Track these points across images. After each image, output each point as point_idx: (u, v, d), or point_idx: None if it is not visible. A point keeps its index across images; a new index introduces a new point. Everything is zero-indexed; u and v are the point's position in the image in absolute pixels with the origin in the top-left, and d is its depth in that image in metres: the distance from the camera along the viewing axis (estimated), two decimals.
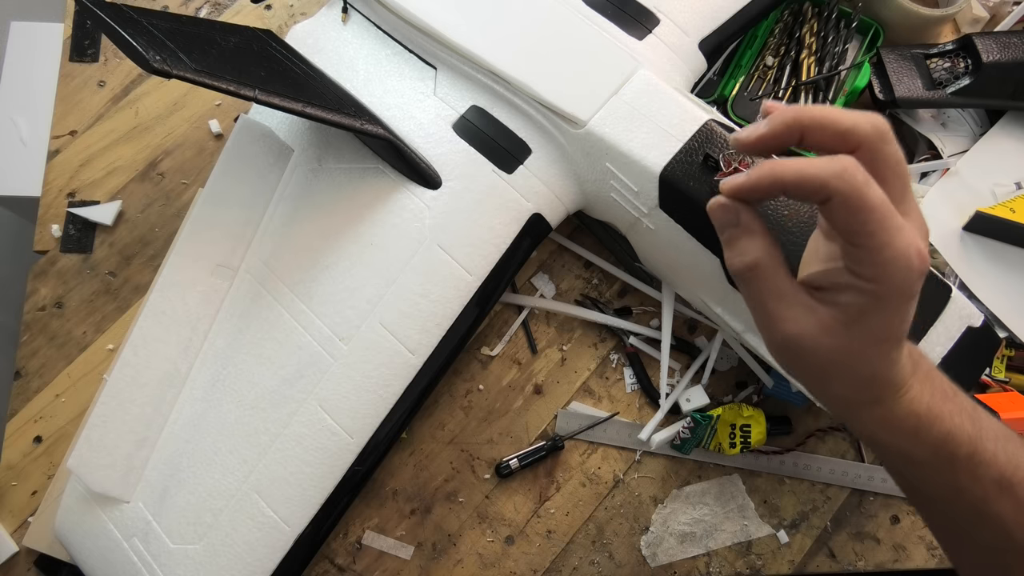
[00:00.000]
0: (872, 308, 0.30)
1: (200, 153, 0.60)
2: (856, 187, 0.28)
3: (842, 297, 0.31)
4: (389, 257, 0.48)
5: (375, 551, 0.52)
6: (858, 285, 0.30)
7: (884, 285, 0.29)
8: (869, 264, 0.29)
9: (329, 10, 0.56)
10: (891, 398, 0.33)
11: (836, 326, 0.31)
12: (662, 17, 0.52)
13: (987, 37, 0.57)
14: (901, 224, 0.29)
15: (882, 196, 0.29)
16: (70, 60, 0.62)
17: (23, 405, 0.54)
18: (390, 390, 0.46)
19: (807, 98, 0.57)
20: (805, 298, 0.32)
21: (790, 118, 0.31)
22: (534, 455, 0.53)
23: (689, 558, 0.52)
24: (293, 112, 0.42)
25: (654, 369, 0.55)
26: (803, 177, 0.29)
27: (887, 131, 0.30)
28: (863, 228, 0.28)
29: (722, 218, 0.33)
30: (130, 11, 0.42)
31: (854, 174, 0.28)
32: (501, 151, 0.49)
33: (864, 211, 0.28)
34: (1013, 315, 0.55)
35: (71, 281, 0.57)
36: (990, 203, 0.56)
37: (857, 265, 0.30)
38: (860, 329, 0.31)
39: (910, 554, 0.52)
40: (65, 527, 0.47)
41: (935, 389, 0.34)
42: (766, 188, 0.31)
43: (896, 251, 0.29)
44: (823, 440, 0.54)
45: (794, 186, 0.29)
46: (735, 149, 0.33)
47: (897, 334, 0.31)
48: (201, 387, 0.49)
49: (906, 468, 0.35)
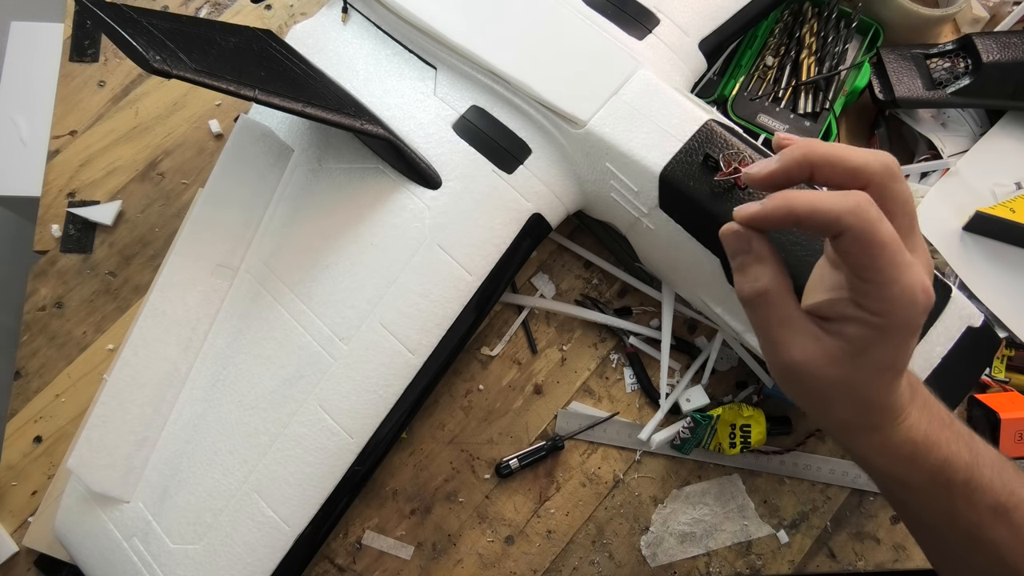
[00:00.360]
0: (877, 341, 0.31)
1: (200, 153, 0.60)
2: (869, 223, 0.29)
3: (848, 329, 0.31)
4: (389, 257, 0.48)
5: (375, 551, 0.52)
6: (864, 319, 0.30)
7: (890, 320, 0.30)
8: (876, 299, 0.30)
9: (329, 10, 0.56)
10: (889, 425, 0.33)
11: (841, 356, 0.32)
12: (662, 17, 0.52)
13: (987, 37, 0.57)
14: (909, 261, 0.30)
15: (892, 233, 0.29)
16: (70, 60, 0.62)
17: (23, 405, 0.54)
18: (390, 390, 0.46)
19: (807, 98, 0.57)
20: (811, 327, 0.32)
21: (800, 155, 0.31)
22: (534, 455, 0.53)
23: (689, 558, 0.52)
24: (293, 112, 0.42)
25: (654, 369, 0.55)
26: (817, 211, 0.30)
27: (896, 169, 0.31)
28: (873, 263, 0.29)
29: (735, 245, 0.34)
30: (130, 11, 0.42)
31: (867, 210, 0.29)
32: (501, 151, 0.49)
33: (875, 247, 0.29)
34: (1013, 315, 0.55)
35: (71, 281, 0.57)
36: (990, 203, 0.56)
37: (864, 299, 0.30)
38: (864, 360, 0.31)
39: (910, 554, 0.52)
40: (65, 527, 0.47)
41: (932, 416, 0.34)
42: (779, 219, 0.31)
43: (903, 287, 0.29)
44: (823, 440, 0.54)
45: (807, 219, 0.30)
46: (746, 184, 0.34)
47: (899, 365, 0.32)
48: (201, 387, 0.49)
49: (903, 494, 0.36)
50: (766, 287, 0.33)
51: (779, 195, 0.31)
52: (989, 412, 0.52)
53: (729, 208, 0.43)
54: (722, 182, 0.43)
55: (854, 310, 0.31)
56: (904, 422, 0.33)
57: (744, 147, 0.44)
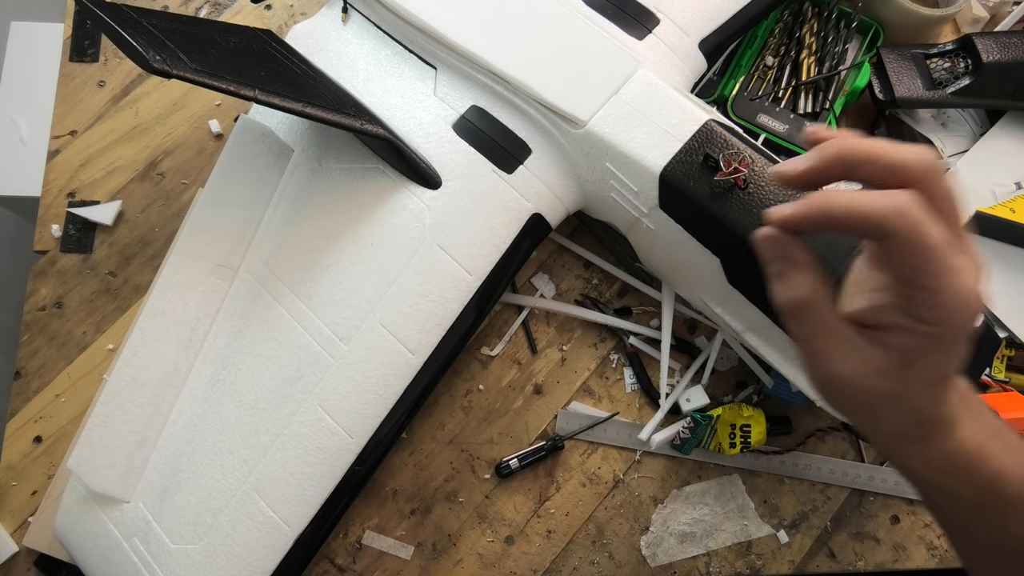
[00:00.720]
0: (927, 351, 0.29)
1: (200, 153, 0.60)
2: (916, 226, 0.27)
3: (895, 339, 0.29)
4: (389, 257, 0.48)
5: (375, 551, 0.52)
6: (913, 328, 0.28)
7: (942, 328, 0.28)
8: (926, 307, 0.28)
9: (329, 10, 0.56)
10: (940, 436, 0.32)
11: (889, 368, 0.29)
12: (662, 17, 0.52)
13: (987, 37, 0.57)
14: (960, 264, 0.27)
15: (941, 235, 0.27)
16: (70, 60, 0.62)
17: (23, 405, 0.54)
18: (390, 390, 0.46)
19: (807, 98, 0.57)
20: (854, 337, 0.30)
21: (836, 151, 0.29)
22: (534, 455, 0.53)
23: (689, 558, 0.52)
24: (293, 112, 0.42)
25: (654, 369, 0.55)
26: (858, 213, 0.27)
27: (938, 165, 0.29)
28: (922, 269, 0.27)
29: (772, 251, 0.31)
30: (130, 11, 0.42)
31: (914, 211, 0.27)
32: (501, 151, 0.49)
33: (924, 252, 0.27)
34: (1013, 315, 0.55)
35: (71, 281, 0.57)
36: (990, 203, 0.56)
37: (913, 307, 0.28)
38: (913, 372, 0.29)
39: (910, 554, 0.52)
40: (65, 527, 0.47)
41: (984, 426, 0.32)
42: (815, 221, 0.29)
43: (955, 293, 0.27)
44: (823, 440, 0.54)
45: (848, 222, 0.28)
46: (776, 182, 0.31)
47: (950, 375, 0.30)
48: (201, 387, 0.49)
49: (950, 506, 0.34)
50: (807, 296, 0.30)
51: (816, 196, 0.29)
52: None
53: (729, 208, 0.43)
54: (722, 182, 0.43)
55: (902, 318, 0.29)
56: (956, 433, 0.31)
57: (744, 147, 0.44)
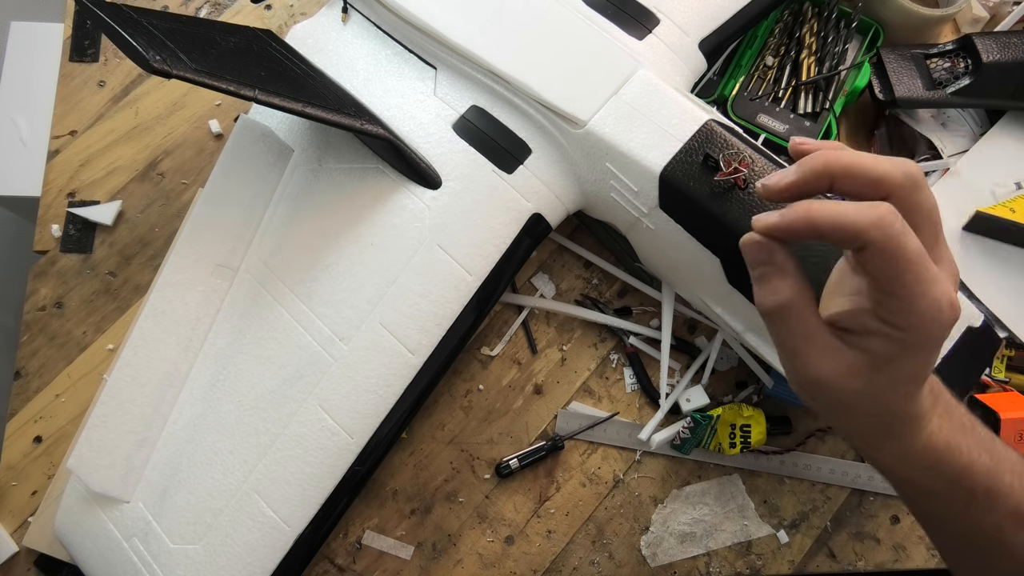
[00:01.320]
0: (900, 355, 0.30)
1: (200, 153, 0.60)
2: (893, 237, 0.28)
3: (870, 343, 0.31)
4: (389, 257, 0.48)
5: (375, 551, 0.52)
6: (888, 333, 0.30)
7: (915, 334, 0.29)
8: (901, 313, 0.29)
9: (329, 10, 0.56)
10: (911, 433, 0.33)
11: (863, 370, 0.31)
12: (662, 17, 0.52)
13: (987, 37, 0.57)
14: (935, 274, 0.29)
15: (918, 246, 0.28)
16: (70, 60, 0.62)
17: (23, 405, 0.54)
18: (390, 390, 0.46)
19: (807, 98, 0.57)
20: (832, 340, 0.32)
21: (820, 165, 0.31)
22: (534, 455, 0.53)
23: (689, 558, 0.52)
24: (293, 112, 0.42)
25: (654, 369, 0.55)
26: (839, 224, 0.29)
27: (920, 178, 0.30)
28: (898, 278, 0.28)
29: (756, 256, 0.33)
30: (130, 11, 0.42)
31: (892, 223, 0.28)
32: (501, 151, 0.49)
33: (901, 261, 0.28)
34: (1013, 315, 0.55)
35: (71, 281, 0.56)
36: (990, 203, 0.56)
37: (888, 313, 0.30)
38: (886, 373, 0.31)
39: (910, 554, 0.52)
40: (65, 527, 0.47)
41: (954, 422, 0.34)
42: (800, 230, 0.30)
43: (929, 302, 0.29)
44: (823, 440, 0.54)
45: (829, 231, 0.29)
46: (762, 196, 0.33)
47: (921, 377, 0.32)
48: (201, 387, 0.49)
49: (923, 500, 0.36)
50: (788, 300, 0.32)
51: (799, 206, 0.30)
52: (989, 412, 0.52)
53: (729, 208, 0.43)
54: (722, 182, 0.43)
55: (877, 324, 0.30)
56: (925, 429, 0.33)
57: (744, 147, 0.44)
